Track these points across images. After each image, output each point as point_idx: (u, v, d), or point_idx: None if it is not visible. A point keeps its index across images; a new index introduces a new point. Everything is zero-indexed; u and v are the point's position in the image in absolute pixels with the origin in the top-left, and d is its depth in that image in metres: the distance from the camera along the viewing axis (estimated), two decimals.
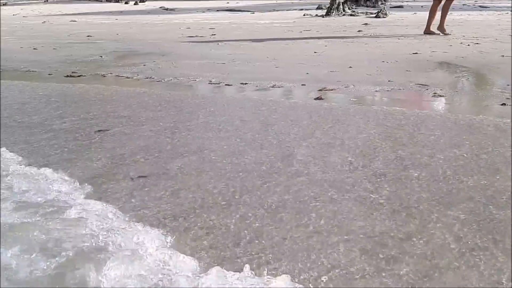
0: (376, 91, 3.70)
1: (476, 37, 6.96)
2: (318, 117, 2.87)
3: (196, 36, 8.22)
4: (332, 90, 3.77)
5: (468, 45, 6.20)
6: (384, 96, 3.55)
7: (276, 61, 5.32)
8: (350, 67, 4.78)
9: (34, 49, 6.82)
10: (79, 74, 4.68)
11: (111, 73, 4.71)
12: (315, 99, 3.47)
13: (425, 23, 7.59)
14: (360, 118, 2.79)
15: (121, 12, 16.42)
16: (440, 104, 3.30)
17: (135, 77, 4.51)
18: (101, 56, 5.93)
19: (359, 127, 2.61)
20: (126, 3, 22.40)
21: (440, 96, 3.45)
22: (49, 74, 4.76)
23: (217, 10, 16.38)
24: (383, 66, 4.81)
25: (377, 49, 6.03)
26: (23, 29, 10.51)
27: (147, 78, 4.47)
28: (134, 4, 21.51)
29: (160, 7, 18.48)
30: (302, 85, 4.01)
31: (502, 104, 3.15)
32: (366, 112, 2.95)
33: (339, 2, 13.41)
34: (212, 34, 8.42)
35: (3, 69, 5.02)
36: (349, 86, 3.88)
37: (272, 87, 3.98)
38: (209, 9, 17.03)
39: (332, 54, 5.76)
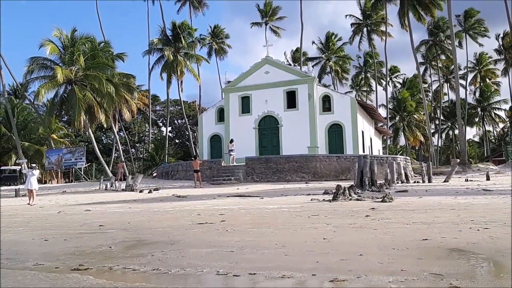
0: (390, 281, 3.56)
1: (485, 222, 6.96)
2: None
3: (206, 222, 8.34)
4: (344, 281, 3.64)
5: (478, 230, 6.17)
6: None
7: (285, 248, 5.28)
8: (361, 254, 4.70)
9: (45, 240, 6.88)
10: (86, 267, 4.61)
11: (118, 265, 4.65)
12: None
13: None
14: None
15: (135, 201, 17.00)
16: None
17: (142, 269, 4.43)
18: (110, 247, 5.94)
19: None
20: (140, 191, 23.37)
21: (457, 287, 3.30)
22: (55, 268, 4.70)
23: (227, 196, 16.94)
24: (394, 253, 4.72)
25: (386, 235, 6.00)
26: (37, 220, 10.78)
27: (153, 269, 4.39)
28: (148, 192, 22.41)
29: (173, 195, 19.21)
30: (313, 275, 3.89)
31: None
32: None
33: (345, 187, 13.90)
34: (221, 221, 8.55)
35: (11, 264, 4.98)
36: (361, 276, 3.76)
37: (281, 277, 3.86)
38: (219, 195, 17.63)
39: (341, 241, 5.71)
